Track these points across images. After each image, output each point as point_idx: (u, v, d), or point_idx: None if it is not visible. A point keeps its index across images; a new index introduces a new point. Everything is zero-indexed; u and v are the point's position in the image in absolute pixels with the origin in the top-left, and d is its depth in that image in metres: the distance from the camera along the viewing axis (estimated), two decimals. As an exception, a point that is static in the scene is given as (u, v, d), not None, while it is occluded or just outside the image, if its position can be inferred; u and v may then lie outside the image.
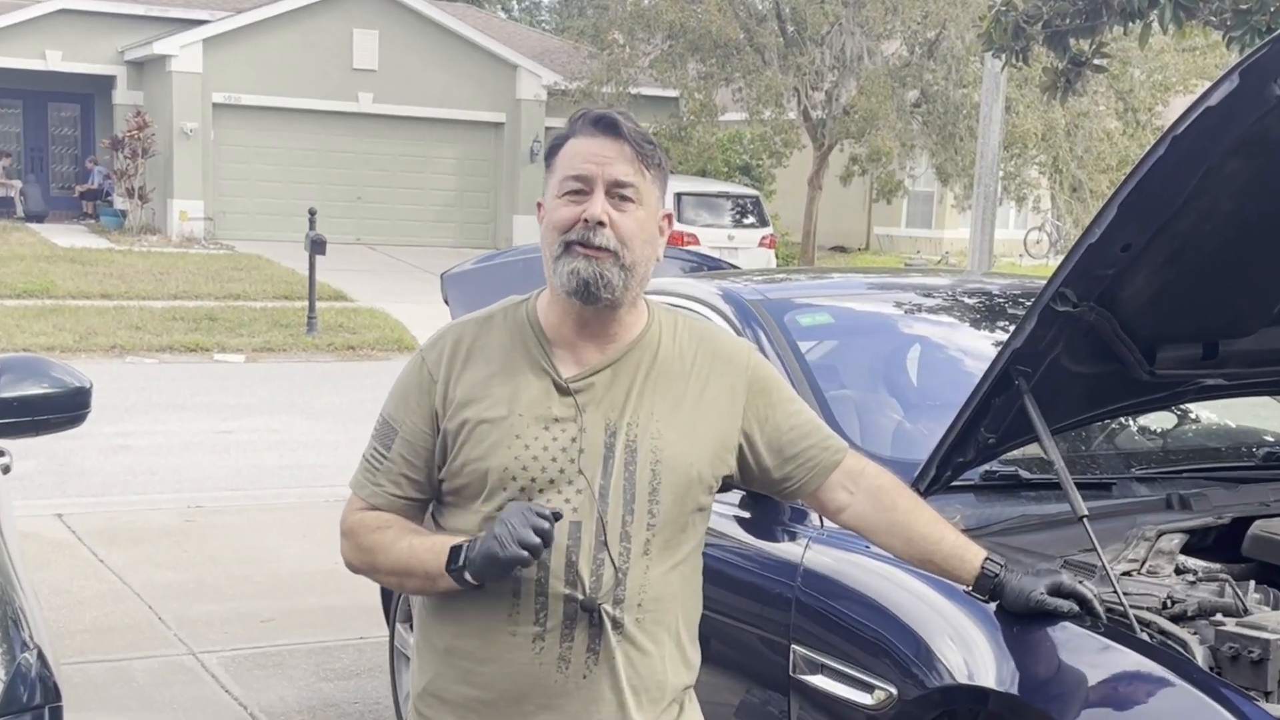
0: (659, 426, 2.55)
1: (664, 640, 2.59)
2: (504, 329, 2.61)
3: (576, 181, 2.48)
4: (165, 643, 6.40)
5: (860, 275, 7.12)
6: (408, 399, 2.61)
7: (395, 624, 5.25)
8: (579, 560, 2.48)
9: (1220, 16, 9.86)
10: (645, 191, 2.51)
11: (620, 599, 2.51)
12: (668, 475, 2.54)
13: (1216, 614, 2.90)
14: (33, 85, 28.97)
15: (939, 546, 2.71)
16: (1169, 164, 2.71)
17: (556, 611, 2.49)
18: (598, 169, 2.48)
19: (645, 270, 2.54)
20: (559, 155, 2.54)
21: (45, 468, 9.68)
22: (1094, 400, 3.51)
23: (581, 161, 2.49)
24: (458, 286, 6.21)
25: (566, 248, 2.48)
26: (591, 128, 2.51)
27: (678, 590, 2.61)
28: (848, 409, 3.94)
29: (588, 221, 2.46)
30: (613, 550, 2.50)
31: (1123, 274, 3.02)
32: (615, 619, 2.51)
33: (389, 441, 2.62)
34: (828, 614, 3.33)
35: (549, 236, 2.52)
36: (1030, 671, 2.81)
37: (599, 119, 2.52)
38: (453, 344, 2.60)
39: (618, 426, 2.53)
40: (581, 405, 2.52)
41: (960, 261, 27.95)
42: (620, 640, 2.52)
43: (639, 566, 2.52)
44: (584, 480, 2.50)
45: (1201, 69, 25.37)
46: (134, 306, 18.27)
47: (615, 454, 2.52)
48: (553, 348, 2.57)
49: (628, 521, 2.51)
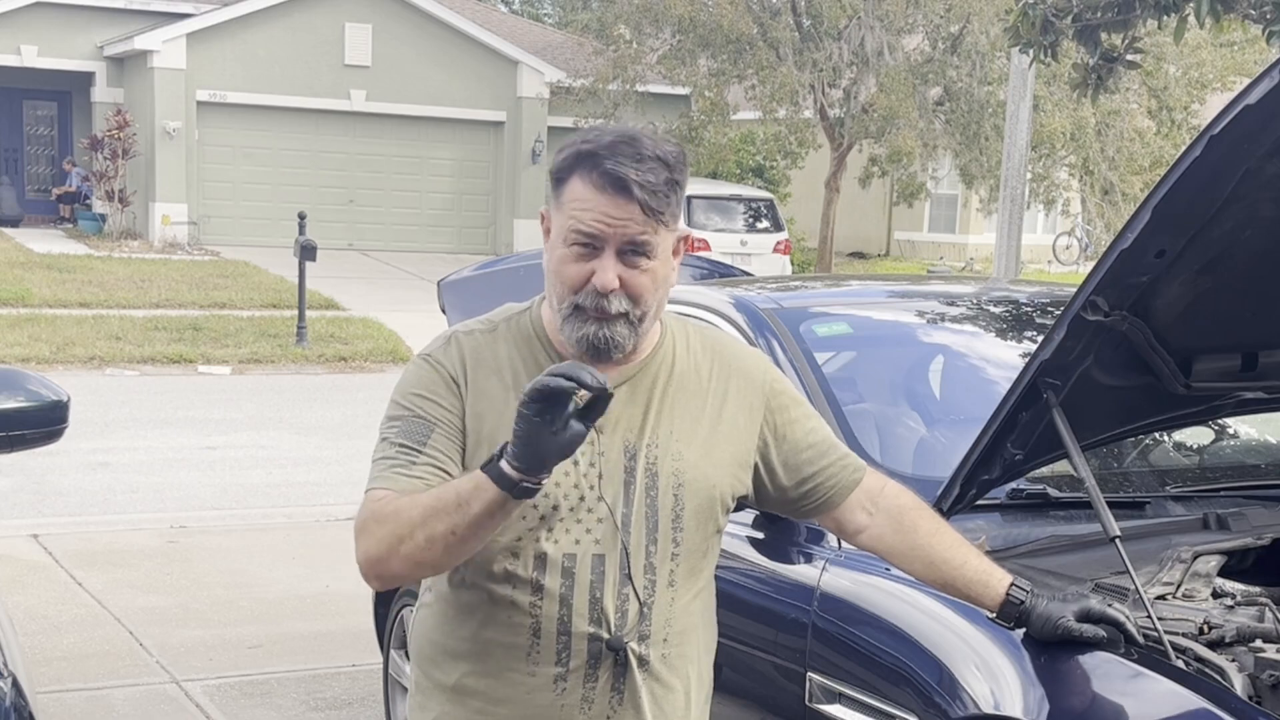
0: (679, 447, 2.54)
1: (689, 674, 2.59)
2: (509, 342, 2.57)
3: (585, 238, 2.42)
4: (147, 670, 6.40)
5: (880, 283, 7.12)
6: (436, 396, 2.51)
7: (389, 651, 5.26)
8: (604, 596, 2.46)
9: (1260, 10, 9.86)
10: (659, 241, 2.45)
11: (646, 635, 2.50)
12: (690, 499, 2.53)
13: (1256, 640, 2.90)
14: (7, 82, 29.01)
15: (962, 571, 2.71)
16: (1206, 166, 2.71)
17: (580, 651, 2.47)
18: (609, 230, 2.41)
19: (658, 310, 2.52)
20: (565, 190, 2.45)
21: (20, 486, 9.69)
22: (1126, 415, 3.51)
23: (592, 219, 2.40)
24: (456, 294, 6.22)
25: (575, 310, 2.44)
26: (601, 181, 2.40)
27: (699, 621, 2.62)
28: (866, 423, 3.94)
29: (598, 290, 2.41)
30: (637, 584, 2.48)
31: (1157, 282, 3.02)
32: (641, 656, 2.50)
33: (423, 437, 2.47)
34: (846, 640, 3.33)
35: (556, 287, 2.46)
36: (1060, 701, 2.81)
37: (607, 177, 2.40)
38: (462, 351, 2.55)
39: (637, 448, 2.51)
40: (599, 426, 2.45)
41: (985, 268, 27.93)
42: (646, 678, 2.51)
43: (664, 599, 2.52)
44: (604, 508, 2.48)
45: (1240, 65, 25.35)
46: (114, 315, 18.29)
47: (636, 478, 2.50)
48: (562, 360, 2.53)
49: (651, 552, 2.50)
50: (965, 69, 25.10)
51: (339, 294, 21.18)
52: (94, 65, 28.86)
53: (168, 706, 5.99)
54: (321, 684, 6.27)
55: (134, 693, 6.13)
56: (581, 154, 2.44)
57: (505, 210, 30.13)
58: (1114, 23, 10.70)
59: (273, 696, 6.11)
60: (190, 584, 7.75)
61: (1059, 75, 21.51)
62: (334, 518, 9.21)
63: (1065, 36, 11.00)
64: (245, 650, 6.69)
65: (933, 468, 3.62)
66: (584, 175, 2.42)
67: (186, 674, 6.33)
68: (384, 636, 5.31)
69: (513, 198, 29.99)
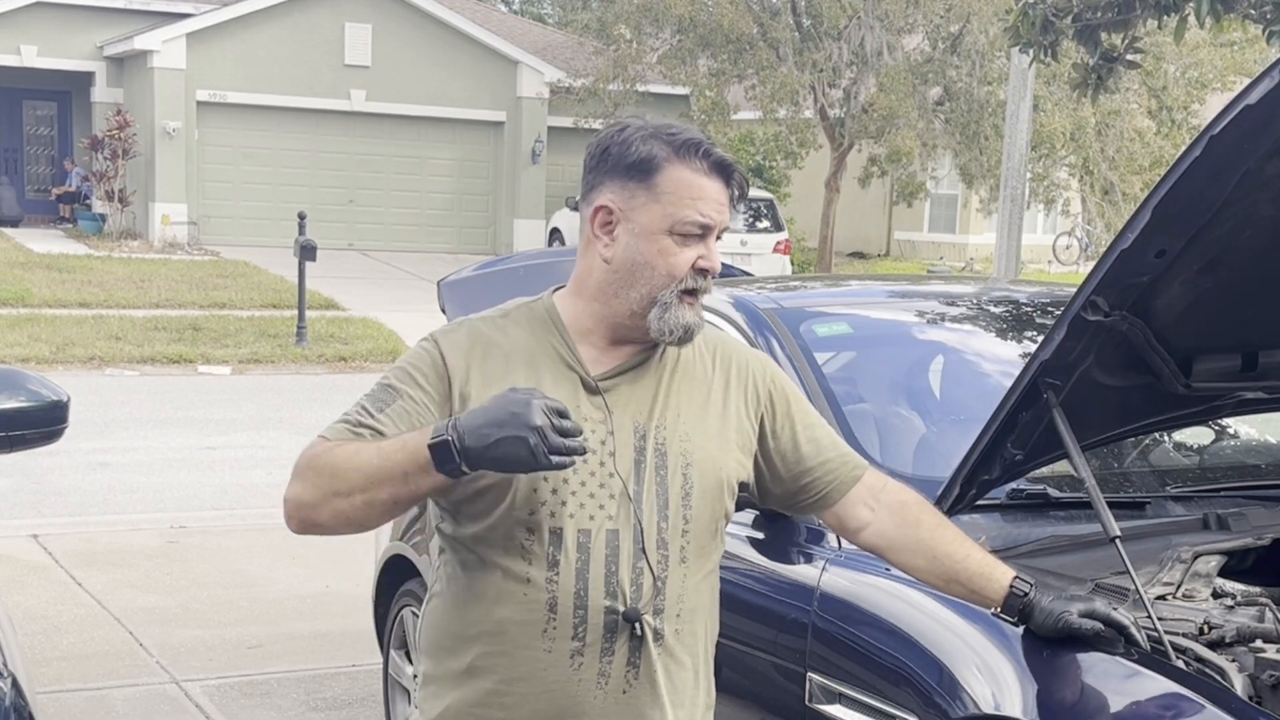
0: (686, 429, 2.59)
1: (698, 653, 2.63)
2: (523, 325, 2.61)
3: (699, 227, 2.53)
4: (146, 671, 6.40)
5: (880, 283, 7.12)
6: (417, 375, 2.55)
7: (389, 651, 5.26)
8: (619, 569, 2.50)
9: (1260, 10, 9.86)
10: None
11: (660, 609, 2.53)
12: (699, 479, 2.57)
13: (1256, 640, 2.90)
14: (7, 82, 29.02)
15: (965, 565, 2.71)
16: (1206, 166, 2.71)
17: (597, 625, 2.49)
18: (720, 217, 2.55)
19: None
20: (663, 179, 2.52)
21: (20, 486, 9.70)
22: (1126, 415, 3.52)
23: (709, 209, 2.53)
24: (456, 294, 6.21)
25: (683, 295, 2.53)
26: (713, 169, 2.54)
27: (707, 603, 2.65)
28: (867, 424, 3.95)
29: (706, 273, 2.54)
30: (651, 558, 2.52)
31: (1157, 282, 3.02)
32: (656, 630, 2.53)
33: (384, 405, 2.52)
34: (846, 640, 3.33)
35: (658, 278, 2.52)
36: (1060, 701, 2.81)
37: (721, 163, 2.54)
38: (468, 335, 2.59)
39: (646, 429, 2.56)
40: (610, 405, 2.55)
41: (986, 268, 27.93)
42: (661, 653, 2.54)
43: (677, 574, 2.55)
44: (618, 483, 2.52)
45: (1240, 65, 25.35)
46: (114, 315, 18.30)
47: (646, 457, 2.55)
48: (577, 345, 2.59)
49: (663, 528, 2.53)
50: (965, 69, 25.11)
51: (339, 294, 21.18)
52: (94, 65, 28.87)
53: (167, 706, 5.99)
54: (321, 684, 6.27)
55: (134, 693, 6.13)
56: (686, 143, 2.53)
57: (505, 210, 30.14)
58: (1114, 22, 10.70)
59: (273, 696, 6.11)
60: (190, 584, 7.75)
61: (1059, 75, 21.51)
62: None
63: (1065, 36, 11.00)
64: (245, 650, 6.69)
65: (933, 468, 3.62)
66: (690, 163, 2.53)
67: (186, 674, 6.33)
68: (384, 636, 5.31)
69: (513, 198, 30.00)
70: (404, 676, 5.13)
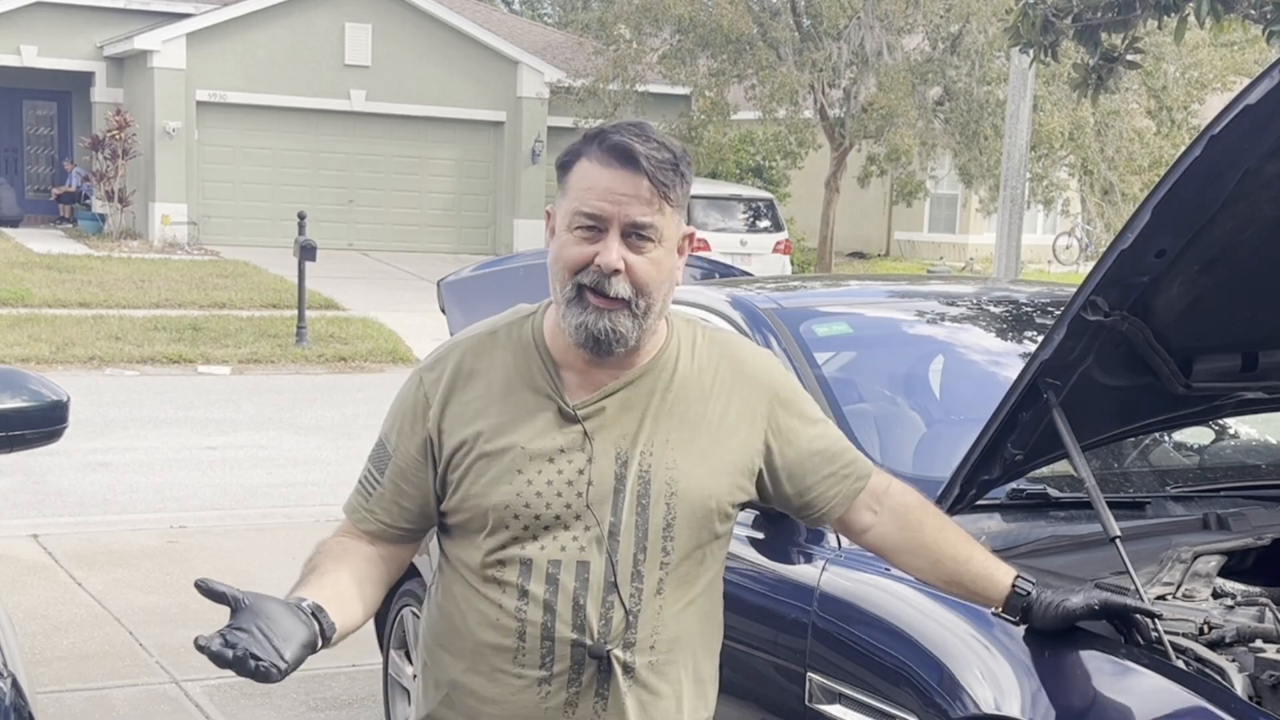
0: (674, 455, 2.51)
1: (681, 680, 2.58)
2: (507, 348, 2.56)
3: (589, 219, 2.40)
4: (147, 670, 6.40)
5: (880, 283, 7.13)
6: (402, 422, 2.58)
7: (389, 651, 5.26)
8: (586, 603, 2.45)
9: (1260, 10, 9.87)
10: (664, 227, 2.43)
11: (631, 643, 2.48)
12: (684, 509, 2.50)
13: (1256, 640, 2.90)
14: (7, 82, 29.02)
15: (968, 566, 2.70)
16: (1206, 165, 2.71)
17: (564, 656, 2.47)
18: (613, 209, 2.39)
19: (663, 306, 2.49)
20: (571, 175, 2.44)
21: (20, 486, 9.69)
22: (1127, 415, 3.51)
23: (595, 198, 2.39)
24: (456, 294, 6.22)
25: (579, 292, 2.41)
26: (607, 156, 2.40)
27: (694, 627, 2.59)
28: (867, 424, 3.94)
29: (601, 269, 2.39)
30: (623, 592, 2.47)
31: (1157, 281, 3.02)
32: (626, 664, 2.49)
33: (383, 465, 2.59)
34: (846, 640, 3.33)
35: (559, 273, 2.44)
36: (1061, 701, 2.80)
37: (615, 148, 2.39)
38: (453, 367, 2.56)
39: (629, 456, 2.49)
40: (590, 433, 2.47)
41: (985, 268, 27.93)
42: (631, 685, 2.50)
43: (651, 607, 2.50)
44: (592, 517, 2.47)
45: (1240, 65, 25.36)
46: (114, 316, 18.29)
47: (627, 486, 2.48)
48: (560, 370, 2.52)
49: (639, 560, 2.48)
50: (965, 69, 25.10)
51: (339, 294, 21.17)
52: (94, 65, 28.87)
53: (167, 706, 5.99)
54: (321, 684, 6.26)
55: (134, 693, 6.13)
56: (588, 135, 2.46)
57: (505, 210, 30.13)
58: (1114, 23, 10.72)
59: (272, 696, 6.11)
60: (190, 584, 7.70)
61: (1059, 75, 21.52)
62: (334, 518, 9.16)
63: (1065, 36, 11.02)
64: (245, 650, 6.67)
65: (933, 468, 3.62)
66: (589, 154, 2.43)
67: (186, 674, 6.32)
68: (384, 636, 5.31)
69: (513, 198, 29.99)
70: (404, 676, 5.13)
